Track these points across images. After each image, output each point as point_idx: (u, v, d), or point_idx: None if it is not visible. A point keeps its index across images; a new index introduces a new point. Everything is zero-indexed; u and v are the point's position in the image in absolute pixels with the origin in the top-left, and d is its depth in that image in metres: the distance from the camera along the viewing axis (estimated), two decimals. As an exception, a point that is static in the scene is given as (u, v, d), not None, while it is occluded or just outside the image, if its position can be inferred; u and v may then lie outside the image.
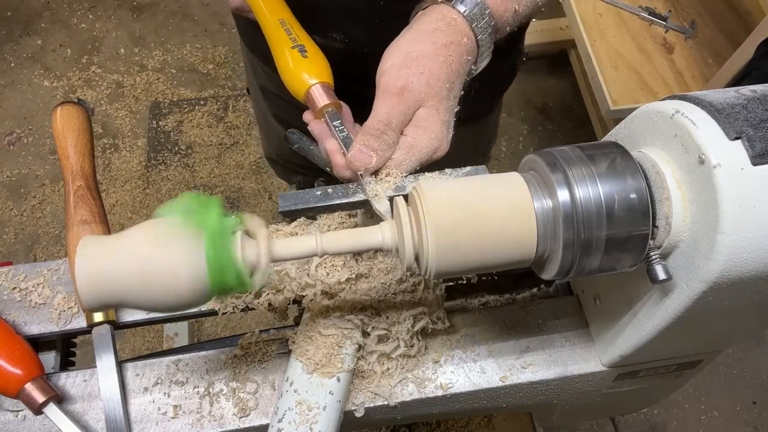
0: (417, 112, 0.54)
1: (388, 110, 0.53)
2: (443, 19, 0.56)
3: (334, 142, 0.57)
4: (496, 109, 1.04)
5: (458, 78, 0.56)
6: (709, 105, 0.43)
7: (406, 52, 0.55)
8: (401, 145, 0.54)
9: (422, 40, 0.55)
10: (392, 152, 0.54)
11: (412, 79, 0.53)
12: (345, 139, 0.56)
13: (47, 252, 1.93)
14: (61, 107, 0.67)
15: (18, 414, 0.59)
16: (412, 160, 0.54)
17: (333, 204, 0.54)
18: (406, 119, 0.54)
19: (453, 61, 0.55)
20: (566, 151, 0.45)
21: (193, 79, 2.26)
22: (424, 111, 0.54)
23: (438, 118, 0.54)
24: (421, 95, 0.54)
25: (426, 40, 0.55)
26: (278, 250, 0.44)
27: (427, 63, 0.54)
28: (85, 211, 0.62)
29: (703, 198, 0.42)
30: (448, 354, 0.62)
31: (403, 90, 0.53)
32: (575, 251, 0.43)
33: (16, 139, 2.12)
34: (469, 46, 0.56)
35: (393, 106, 0.53)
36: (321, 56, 0.64)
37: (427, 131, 0.54)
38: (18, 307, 0.64)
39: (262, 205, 2.03)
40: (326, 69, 0.63)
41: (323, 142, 0.59)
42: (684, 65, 1.81)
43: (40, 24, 2.35)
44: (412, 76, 0.53)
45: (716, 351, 0.64)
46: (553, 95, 2.26)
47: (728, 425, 1.72)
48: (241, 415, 0.58)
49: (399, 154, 0.54)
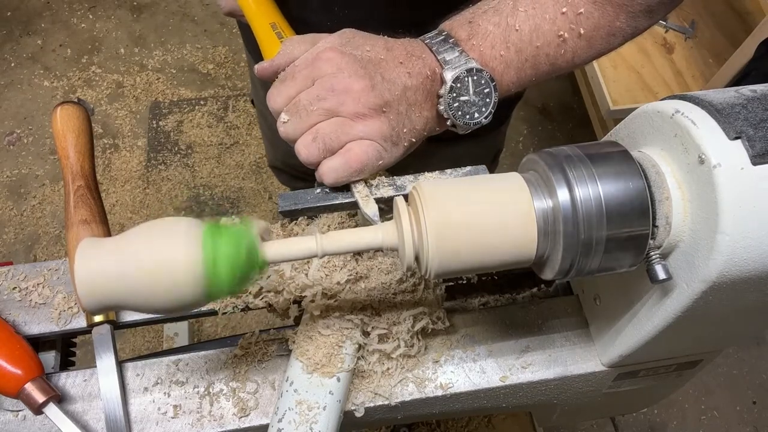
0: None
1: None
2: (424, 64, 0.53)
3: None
4: (508, 120, 1.03)
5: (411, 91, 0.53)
6: (709, 105, 0.43)
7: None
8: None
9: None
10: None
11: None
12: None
13: (47, 252, 1.93)
14: (61, 107, 0.67)
15: (18, 414, 0.59)
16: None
17: (333, 204, 0.54)
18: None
19: (411, 70, 0.52)
20: (566, 150, 0.45)
21: (193, 79, 2.26)
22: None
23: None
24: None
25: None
26: (278, 250, 0.44)
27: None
28: (85, 211, 0.62)
29: (703, 198, 0.42)
30: (448, 354, 0.62)
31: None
32: (575, 251, 0.43)
33: (16, 139, 2.12)
34: (433, 80, 0.53)
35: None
36: None
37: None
38: (18, 307, 0.64)
39: (262, 205, 2.03)
40: None
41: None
42: (684, 65, 1.81)
43: (40, 24, 2.36)
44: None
45: (716, 351, 0.64)
46: (553, 95, 2.26)
47: (728, 425, 1.72)
48: (241, 415, 0.58)
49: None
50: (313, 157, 0.51)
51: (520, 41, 0.53)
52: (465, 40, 0.54)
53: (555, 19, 0.53)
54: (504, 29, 0.53)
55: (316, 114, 0.51)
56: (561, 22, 0.53)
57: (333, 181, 0.52)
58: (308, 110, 0.51)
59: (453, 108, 0.53)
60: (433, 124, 0.55)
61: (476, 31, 0.54)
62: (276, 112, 0.54)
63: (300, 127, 0.51)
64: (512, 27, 0.53)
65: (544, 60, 0.54)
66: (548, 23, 0.53)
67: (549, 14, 0.53)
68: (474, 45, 0.53)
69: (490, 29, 0.53)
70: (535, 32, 0.53)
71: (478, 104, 0.53)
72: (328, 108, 0.50)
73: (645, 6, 0.54)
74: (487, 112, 0.54)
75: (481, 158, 0.58)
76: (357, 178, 0.53)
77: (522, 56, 0.54)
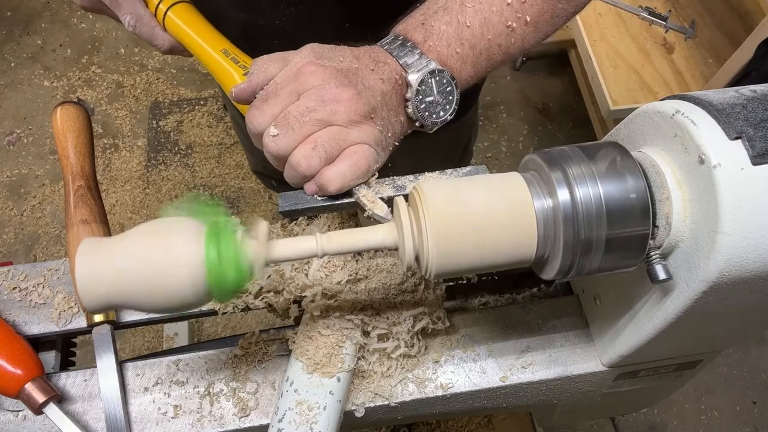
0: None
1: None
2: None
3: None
4: (472, 108, 1.03)
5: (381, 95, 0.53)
6: (709, 105, 0.43)
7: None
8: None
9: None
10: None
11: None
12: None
13: (47, 252, 1.93)
14: (61, 107, 0.67)
15: (18, 414, 0.59)
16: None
17: (333, 204, 0.54)
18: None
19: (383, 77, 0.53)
20: (566, 150, 0.45)
21: (193, 79, 2.26)
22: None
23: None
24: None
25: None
26: (278, 250, 0.44)
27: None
28: (85, 211, 0.62)
29: (703, 198, 0.42)
30: (448, 354, 0.62)
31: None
32: (575, 251, 0.43)
33: (16, 139, 2.12)
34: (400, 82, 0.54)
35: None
36: None
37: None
38: (18, 307, 0.64)
39: (262, 205, 2.03)
40: None
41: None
42: (684, 65, 1.81)
43: (40, 24, 2.35)
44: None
45: (716, 351, 0.64)
46: (553, 95, 2.26)
47: (728, 425, 1.72)
48: (241, 415, 0.58)
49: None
50: (313, 167, 0.50)
51: (473, 36, 0.55)
52: (421, 42, 0.55)
53: (502, 10, 0.54)
54: (456, 27, 0.54)
55: (309, 125, 0.50)
56: (508, 12, 0.55)
57: (339, 186, 0.51)
58: (301, 122, 0.50)
59: (420, 110, 0.54)
60: (406, 126, 0.57)
61: (430, 32, 0.55)
62: (257, 132, 0.53)
63: (294, 139, 0.50)
64: (463, 24, 0.54)
65: (496, 51, 0.56)
66: (496, 15, 0.54)
67: (496, 6, 0.54)
68: (431, 46, 0.54)
69: (443, 29, 0.55)
70: (485, 26, 0.55)
71: (442, 103, 0.55)
72: (321, 118, 0.50)
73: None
74: (451, 110, 0.55)
75: (451, 148, 0.59)
76: (359, 182, 0.53)
77: (476, 50, 0.55)
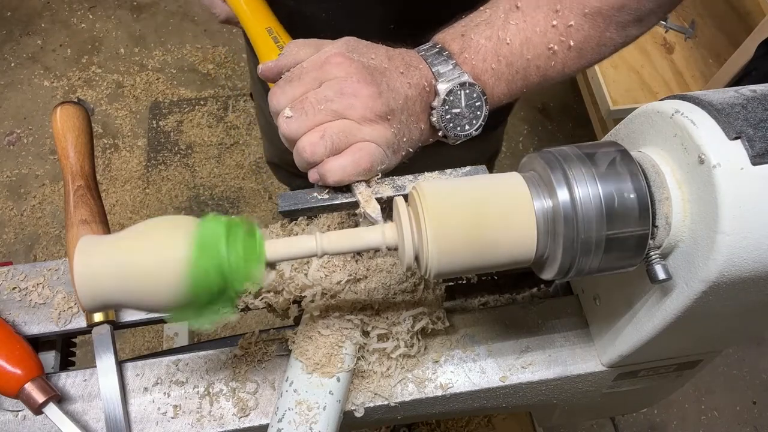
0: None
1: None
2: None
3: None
4: (502, 124, 1.03)
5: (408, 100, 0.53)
6: (708, 105, 0.43)
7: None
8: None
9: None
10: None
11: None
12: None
13: (47, 252, 1.93)
14: (61, 107, 0.67)
15: (18, 414, 0.59)
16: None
17: (333, 204, 0.54)
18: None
19: (411, 80, 0.53)
20: (566, 150, 0.45)
21: (193, 79, 2.26)
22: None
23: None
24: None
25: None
26: (278, 250, 0.44)
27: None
28: (85, 211, 0.62)
29: (702, 198, 0.42)
30: (448, 354, 0.62)
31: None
32: (575, 251, 0.43)
33: (16, 139, 2.12)
34: (428, 89, 0.54)
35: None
36: None
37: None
38: (18, 307, 0.64)
39: (262, 205, 2.03)
40: None
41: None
42: (684, 65, 1.81)
43: (40, 24, 2.36)
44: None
45: (716, 351, 0.64)
46: (553, 95, 2.26)
47: (728, 425, 1.72)
48: (241, 415, 0.58)
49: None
50: (318, 154, 0.51)
51: (511, 54, 0.54)
52: (458, 53, 0.54)
53: (545, 31, 0.53)
54: (495, 43, 0.54)
55: (323, 113, 0.50)
56: (551, 34, 0.53)
57: (338, 179, 0.51)
58: (316, 109, 0.50)
59: (445, 120, 0.54)
60: (427, 135, 0.56)
61: (468, 44, 0.54)
62: (276, 111, 0.53)
63: (306, 125, 0.51)
64: (503, 40, 0.54)
65: (534, 72, 0.55)
66: (539, 36, 0.53)
67: (540, 27, 0.53)
68: (466, 58, 0.54)
69: (482, 43, 0.54)
70: (526, 45, 0.54)
71: (468, 117, 0.54)
72: (336, 110, 0.50)
73: (635, 16, 0.54)
74: (478, 125, 0.55)
75: (475, 162, 0.59)
76: (360, 179, 0.53)
77: (513, 69, 0.54)
